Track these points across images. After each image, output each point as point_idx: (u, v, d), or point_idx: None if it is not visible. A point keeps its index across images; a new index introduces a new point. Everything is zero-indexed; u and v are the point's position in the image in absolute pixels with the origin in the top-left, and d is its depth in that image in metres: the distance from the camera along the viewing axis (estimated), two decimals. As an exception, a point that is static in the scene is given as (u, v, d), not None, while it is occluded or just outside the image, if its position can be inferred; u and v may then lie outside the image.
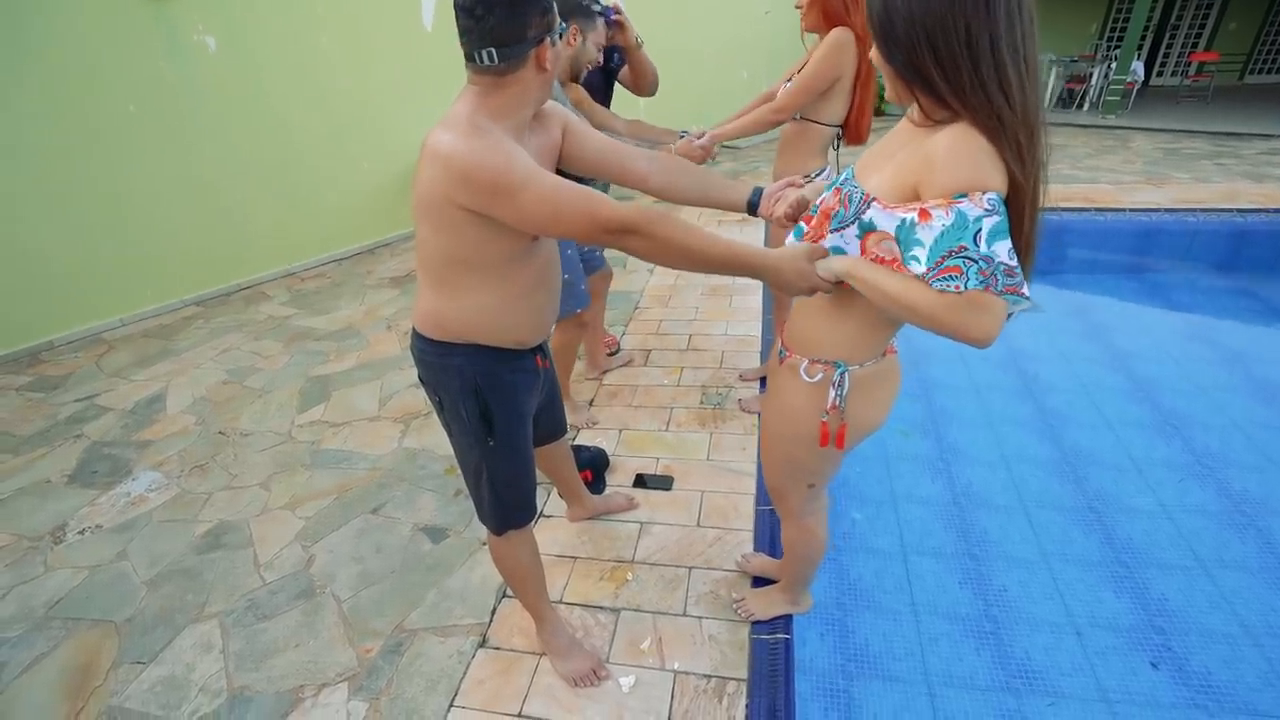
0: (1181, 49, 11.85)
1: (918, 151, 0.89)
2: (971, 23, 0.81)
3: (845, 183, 1.03)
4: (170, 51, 3.60)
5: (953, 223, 0.82)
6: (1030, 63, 0.84)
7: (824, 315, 1.12)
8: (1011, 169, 0.84)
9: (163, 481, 2.39)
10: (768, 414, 1.29)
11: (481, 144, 1.04)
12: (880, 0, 0.87)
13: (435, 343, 1.25)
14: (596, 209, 1.04)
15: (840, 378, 1.10)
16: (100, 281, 3.67)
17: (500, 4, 1.03)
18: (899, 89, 0.93)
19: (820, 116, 2.03)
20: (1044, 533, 2.24)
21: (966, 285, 0.83)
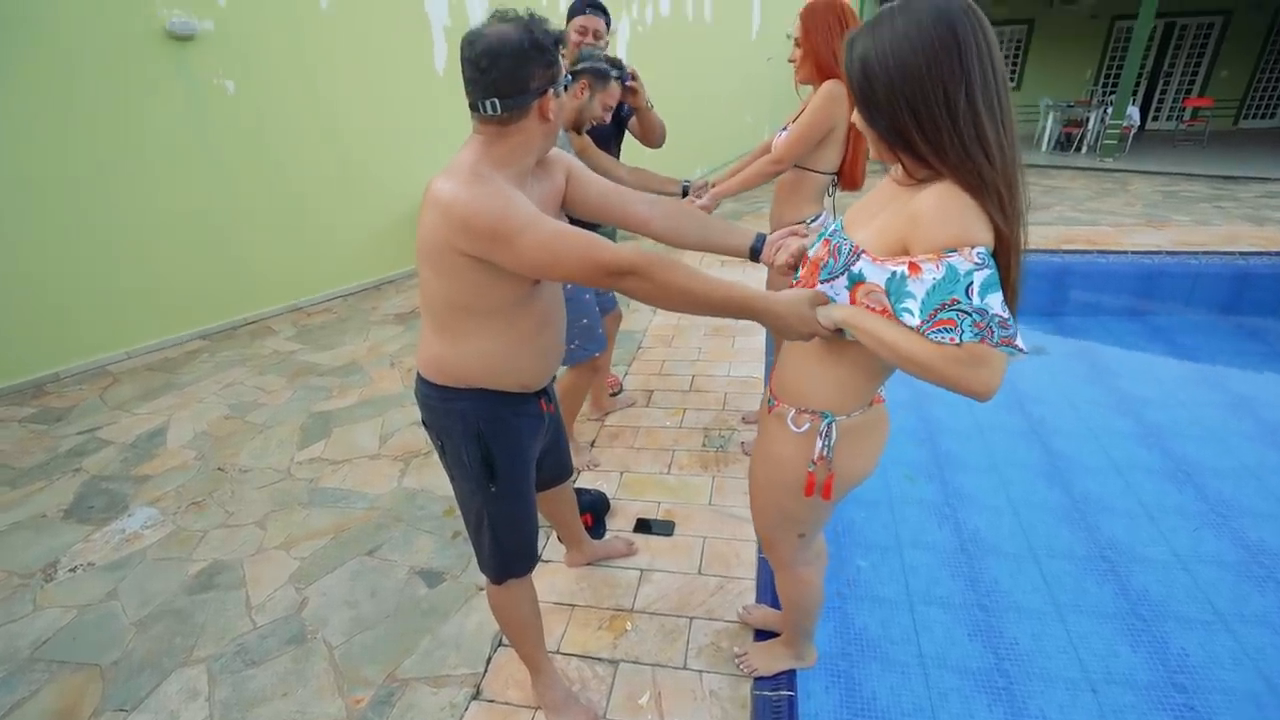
0: (1175, 94, 12.10)
1: (903, 210, 0.90)
2: (949, 85, 0.83)
3: (834, 234, 1.04)
4: (189, 94, 3.70)
5: (944, 276, 0.83)
6: (1006, 117, 0.86)
7: (812, 365, 1.11)
8: (996, 222, 0.85)
9: (158, 518, 2.36)
10: (756, 462, 1.28)
11: (481, 191, 1.05)
12: (859, 68, 0.89)
13: (439, 387, 1.25)
14: (596, 252, 1.05)
15: (827, 428, 1.09)
16: (107, 314, 3.70)
17: (505, 56, 1.05)
18: (881, 150, 0.95)
19: (815, 165, 2.08)
20: (1056, 583, 2.18)
21: (962, 338, 0.83)
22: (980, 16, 0.85)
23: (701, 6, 7.18)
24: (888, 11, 0.88)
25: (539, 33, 1.08)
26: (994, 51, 0.84)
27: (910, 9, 0.85)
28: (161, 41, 3.54)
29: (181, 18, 3.55)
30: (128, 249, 3.68)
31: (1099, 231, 5.14)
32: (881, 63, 0.85)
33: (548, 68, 1.10)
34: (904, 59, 0.84)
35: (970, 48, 0.83)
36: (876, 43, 0.86)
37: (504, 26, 1.07)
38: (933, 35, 0.83)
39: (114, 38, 3.39)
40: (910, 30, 0.84)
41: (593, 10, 2.29)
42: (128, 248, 3.68)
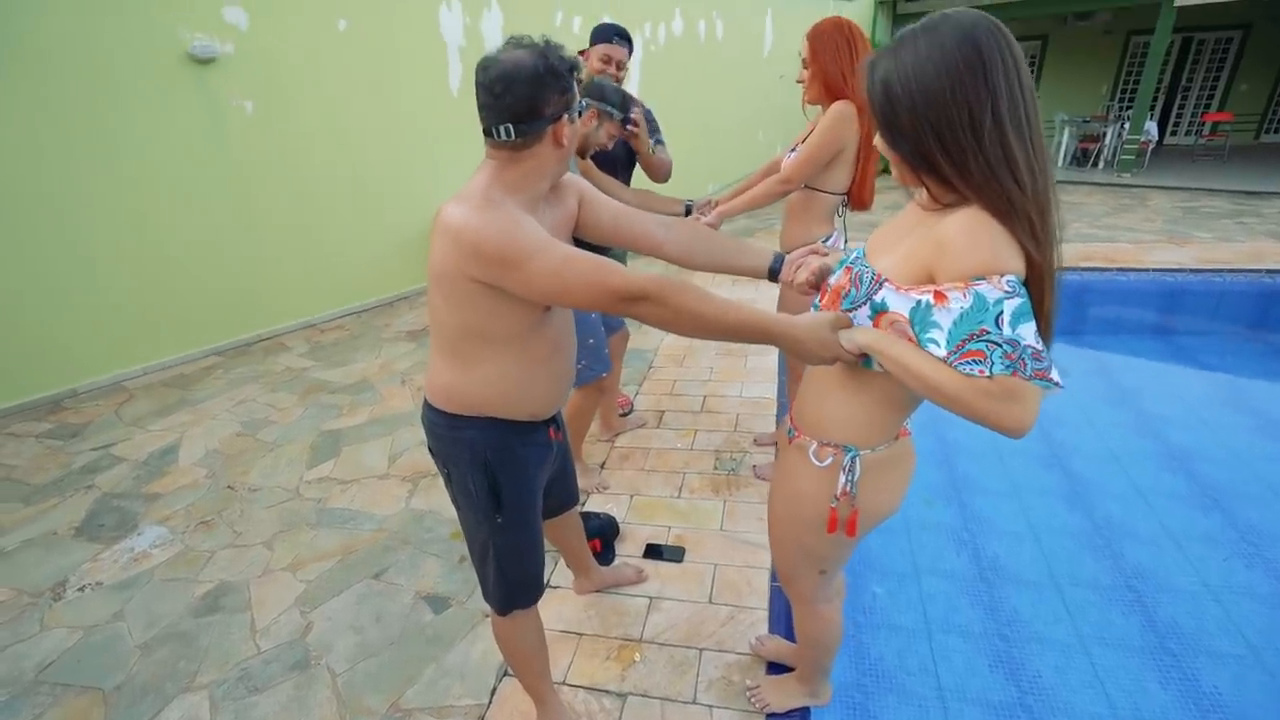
0: (1194, 109, 11.97)
1: (928, 236, 0.87)
2: (974, 107, 0.80)
3: (856, 262, 1.01)
4: (209, 115, 3.77)
5: (971, 305, 0.79)
6: (1036, 140, 0.83)
7: (835, 395, 1.07)
8: (1027, 248, 0.82)
9: (167, 537, 2.36)
10: (775, 495, 1.24)
11: (492, 216, 1.04)
12: (881, 91, 0.87)
13: (447, 415, 1.23)
14: (607, 277, 1.03)
15: (851, 462, 1.05)
16: (125, 330, 3.74)
17: (520, 82, 1.05)
18: (905, 173, 0.92)
19: (825, 185, 2.06)
20: (1079, 613, 2.11)
21: (992, 370, 0.79)
22: (1007, 34, 0.82)
23: (713, 26, 7.23)
24: (910, 33, 0.85)
25: (554, 59, 1.07)
26: (1022, 70, 0.82)
27: (934, 30, 0.83)
28: (183, 64, 3.61)
29: (203, 41, 3.63)
30: (146, 267, 3.73)
31: (1118, 248, 5.06)
32: (904, 85, 0.83)
33: (562, 94, 1.09)
34: (927, 82, 0.82)
35: (996, 66, 0.80)
36: (899, 65, 0.84)
37: (519, 52, 1.06)
38: (957, 56, 0.80)
39: (138, 62, 3.46)
40: (934, 53, 0.81)
41: (619, 40, 2.29)
42: (146, 265, 3.73)
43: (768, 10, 8.02)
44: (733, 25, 7.49)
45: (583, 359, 2.19)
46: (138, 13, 3.41)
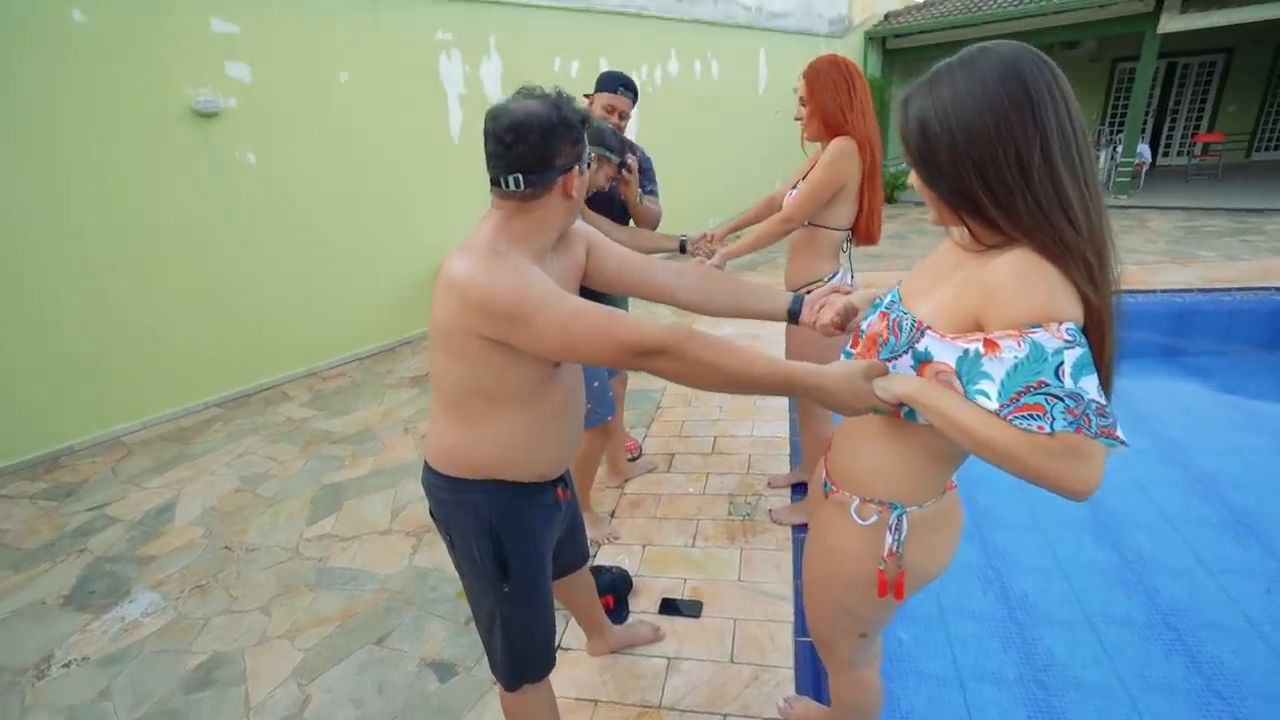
0: (1185, 130, 12.12)
1: (974, 280, 0.81)
2: (1020, 144, 0.75)
3: (892, 307, 0.95)
4: (211, 168, 3.79)
5: (1027, 354, 0.73)
6: (1090, 176, 0.78)
7: (876, 448, 1.00)
8: (1084, 292, 0.76)
9: (160, 604, 2.26)
10: (812, 554, 1.15)
11: (498, 269, 1.00)
12: (917, 128, 0.82)
13: (449, 478, 1.17)
14: (620, 331, 0.97)
15: (897, 521, 0.97)
16: (123, 384, 3.70)
17: (532, 132, 1.01)
18: (943, 213, 0.86)
19: (829, 221, 2.02)
20: (1118, 654, 2.00)
21: (1054, 426, 0.72)
22: (1052, 67, 0.78)
23: (708, 65, 7.37)
24: (946, 68, 0.81)
25: (567, 110, 1.05)
26: (1071, 104, 0.77)
27: (973, 66, 0.78)
28: (187, 119, 3.65)
29: (207, 96, 3.67)
30: (145, 320, 3.71)
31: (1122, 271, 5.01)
32: (943, 123, 0.78)
33: (573, 145, 1.06)
34: (968, 119, 0.77)
35: (1045, 102, 0.75)
36: (936, 101, 0.79)
37: (531, 102, 1.04)
38: (1000, 92, 0.76)
39: (143, 119, 3.50)
40: (974, 89, 0.77)
41: (625, 90, 2.29)
42: (145, 318, 3.70)
43: (761, 50, 8.19)
44: (728, 64, 7.64)
45: (589, 402, 2.13)
46: (143, 71, 3.46)
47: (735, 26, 7.64)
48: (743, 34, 7.81)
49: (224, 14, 3.67)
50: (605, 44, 6.06)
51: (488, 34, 5.03)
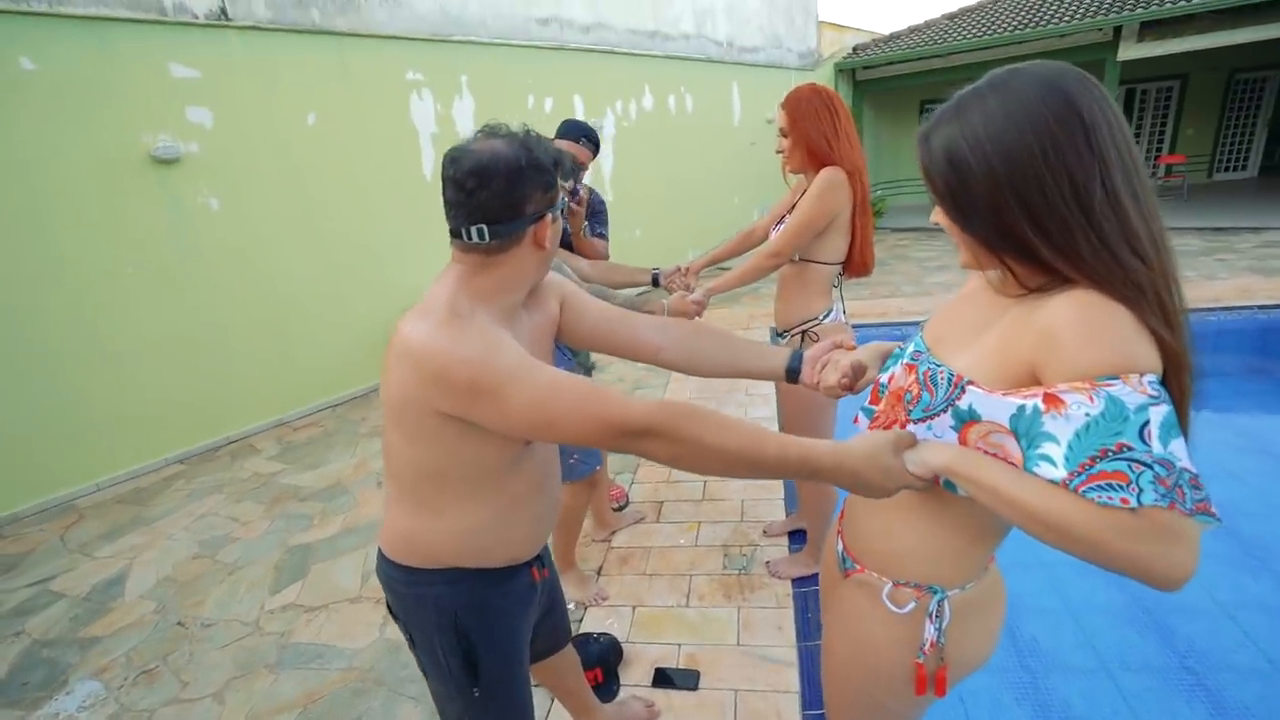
0: (1147, 153, 12.48)
1: (1026, 326, 0.69)
2: (1076, 174, 0.65)
3: (920, 358, 0.82)
4: (172, 215, 3.65)
5: (1103, 411, 0.61)
6: (1152, 205, 0.67)
7: (908, 524, 0.86)
8: (1161, 337, 0.64)
9: (100, 694, 2.04)
10: (834, 641, 1.00)
11: (460, 335, 0.86)
12: (944, 162, 0.71)
13: (406, 569, 1.02)
14: (603, 409, 0.84)
15: (938, 607, 0.84)
16: (75, 444, 3.47)
17: (497, 176, 0.89)
18: (980, 256, 0.74)
19: (819, 256, 1.93)
20: (1138, 701, 1.88)
21: (1141, 499, 0.59)
22: (1100, 87, 0.68)
23: (682, 99, 7.43)
24: (973, 93, 0.71)
25: (538, 151, 0.93)
26: (1125, 127, 0.67)
27: (1006, 86, 0.68)
28: (146, 166, 3.52)
29: (167, 142, 3.55)
30: (101, 374, 3.51)
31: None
32: (976, 150, 0.68)
33: (545, 191, 0.94)
34: (1009, 144, 0.66)
35: (1100, 125, 0.65)
36: (966, 129, 0.69)
37: (496, 142, 0.92)
38: (1046, 114, 0.65)
39: (97, 167, 3.36)
40: (1013, 110, 0.67)
41: (586, 141, 2.22)
42: (101, 373, 3.51)
43: (733, 83, 8.30)
44: (701, 97, 7.71)
45: (576, 452, 1.99)
46: (98, 119, 3.34)
47: (707, 61, 7.74)
48: (714, 68, 7.91)
49: (183, 59, 3.57)
50: (579, 81, 6.07)
51: (459, 74, 4.99)
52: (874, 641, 0.90)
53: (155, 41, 3.49)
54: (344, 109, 4.30)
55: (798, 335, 1.99)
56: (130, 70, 3.42)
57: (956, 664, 0.87)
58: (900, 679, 0.88)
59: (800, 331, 1.98)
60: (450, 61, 4.94)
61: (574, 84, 6.02)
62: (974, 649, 0.89)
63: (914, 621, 0.86)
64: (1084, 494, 0.62)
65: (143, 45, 3.45)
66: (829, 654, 1.00)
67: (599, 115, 6.31)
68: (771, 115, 9.08)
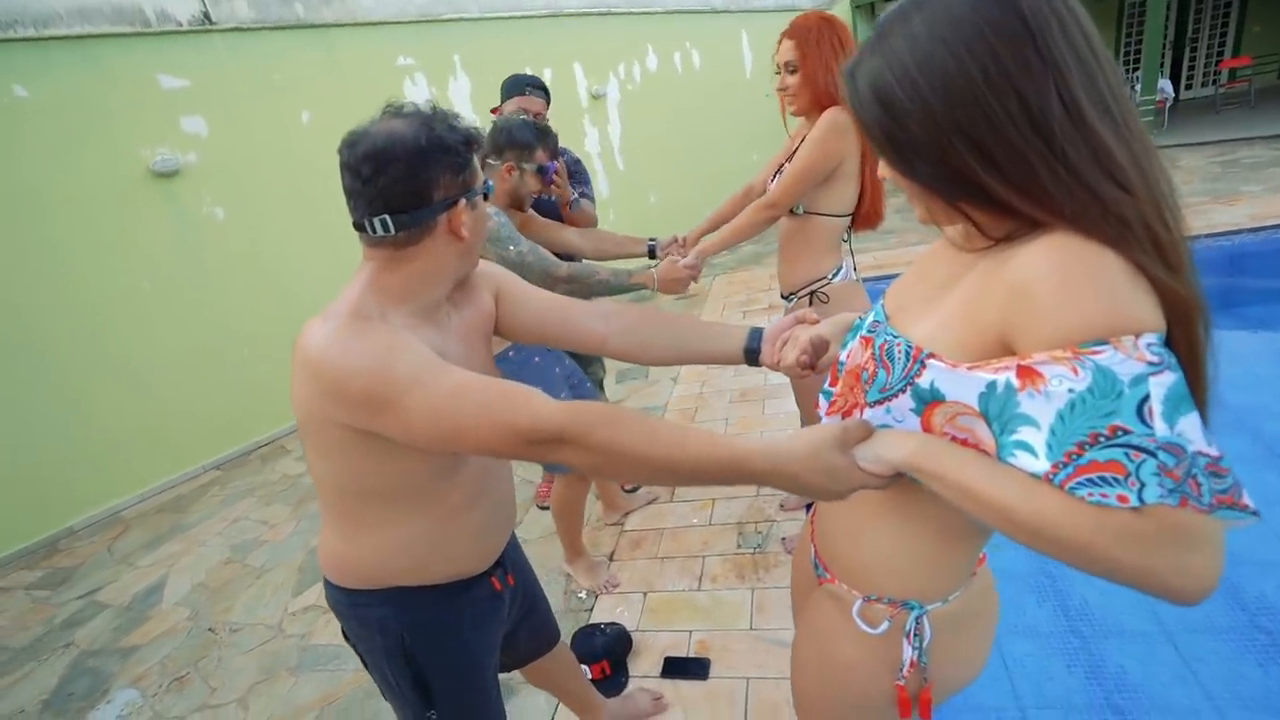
0: (1208, 58, 11.41)
1: (993, 282, 0.57)
2: (1025, 89, 0.52)
3: (877, 329, 0.69)
4: (178, 228, 3.69)
5: (1090, 385, 0.48)
6: (1130, 115, 0.53)
7: (878, 529, 0.74)
8: (1161, 281, 0.50)
9: (137, 703, 2.11)
10: (802, 658, 0.89)
11: (358, 344, 0.78)
12: (871, 96, 0.58)
13: (349, 592, 0.96)
14: (512, 416, 0.74)
15: (916, 624, 0.72)
16: (119, 458, 3.61)
17: (396, 161, 0.81)
18: (934, 207, 0.61)
19: (824, 207, 1.73)
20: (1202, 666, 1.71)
21: (1143, 496, 0.47)
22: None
23: (689, 56, 7.11)
24: (897, 13, 0.58)
25: (441, 129, 0.83)
26: (1084, 21, 0.54)
27: (929, 1, 0.56)
28: (146, 181, 3.55)
29: (166, 154, 3.56)
30: (132, 391, 3.61)
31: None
32: (906, 85, 0.56)
33: (457, 174, 0.85)
34: (941, 71, 0.54)
35: (1049, 25, 0.52)
36: (891, 59, 0.57)
37: (396, 122, 0.83)
38: (980, 23, 0.53)
39: (99, 187, 3.40)
40: (940, 27, 0.54)
41: (532, 90, 2.08)
42: (132, 390, 3.61)
43: (742, 33, 7.90)
44: (709, 52, 7.36)
45: None
46: (95, 139, 3.36)
47: (712, 12, 7.37)
48: (721, 19, 7.53)
49: (170, 70, 3.56)
50: (577, 47, 5.85)
51: (451, 53, 4.86)
52: (847, 662, 0.79)
53: (141, 54, 3.48)
54: (337, 103, 4.24)
55: (805, 297, 1.83)
56: (120, 86, 3.43)
57: (942, 683, 0.76)
58: (878, 704, 0.77)
59: (808, 293, 1.81)
60: (441, 42, 4.81)
61: (572, 51, 5.81)
62: (962, 666, 0.77)
63: (890, 641, 0.74)
64: (1072, 490, 0.49)
65: (130, 59, 3.45)
66: (799, 669, 0.89)
67: (601, 82, 6.08)
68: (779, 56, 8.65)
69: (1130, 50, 11.38)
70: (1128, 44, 11.52)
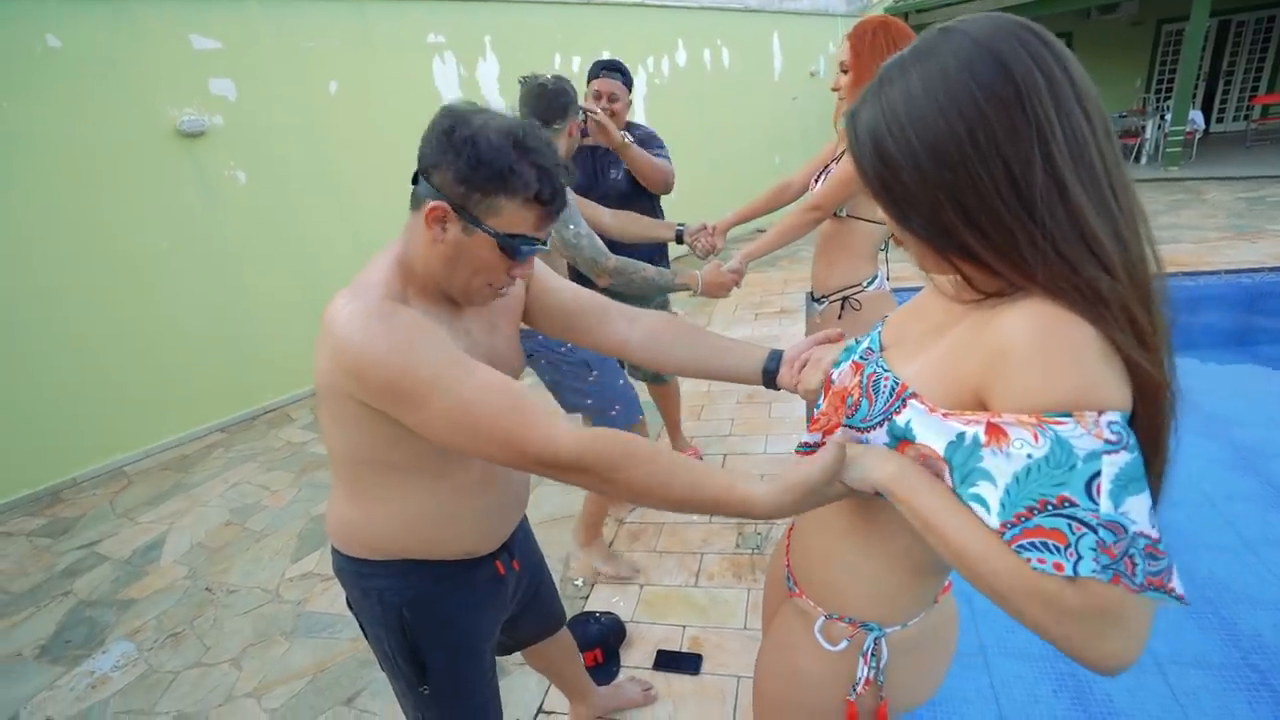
0: (1241, 93, 11.28)
1: (976, 339, 0.57)
2: (1011, 158, 0.51)
3: (869, 358, 0.70)
4: (201, 188, 3.70)
5: (1047, 454, 0.49)
6: (1120, 185, 0.53)
7: (844, 551, 0.75)
8: (1131, 359, 0.51)
9: (133, 655, 2.13)
10: (765, 665, 0.90)
11: (383, 332, 0.77)
12: (870, 144, 0.58)
13: (350, 559, 0.96)
14: (523, 435, 0.75)
15: (875, 645, 0.74)
16: (125, 414, 3.64)
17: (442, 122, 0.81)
18: (925, 258, 0.61)
19: (867, 212, 1.73)
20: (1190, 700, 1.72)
21: (1078, 569, 0.48)
22: (1046, 36, 0.54)
23: (719, 53, 7.08)
24: (896, 63, 0.58)
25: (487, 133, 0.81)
26: (1080, 83, 0.53)
27: (930, 53, 0.55)
28: (172, 141, 3.56)
29: (193, 115, 3.58)
30: (143, 347, 3.64)
31: (1180, 250, 4.57)
32: (900, 140, 0.55)
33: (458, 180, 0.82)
34: (931, 130, 0.54)
35: (1038, 89, 0.51)
36: (887, 110, 0.56)
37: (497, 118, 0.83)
38: (972, 86, 0.52)
39: (125, 143, 3.41)
40: (934, 85, 0.54)
41: (608, 73, 2.07)
42: (143, 346, 3.64)
43: (774, 33, 7.85)
44: (739, 51, 7.33)
45: (616, 403, 1.84)
46: (124, 94, 3.38)
47: (745, 11, 7.32)
48: (753, 18, 7.48)
49: (203, 30, 3.56)
50: (607, 36, 5.83)
51: (482, 34, 4.85)
52: (806, 672, 0.80)
53: (176, 12, 3.49)
54: (366, 76, 4.25)
55: (838, 302, 1.83)
56: (153, 42, 3.43)
57: (897, 701, 0.78)
58: (830, 714, 0.79)
59: (841, 298, 1.81)
60: (473, 21, 4.80)
61: (602, 40, 5.79)
62: (916, 686, 0.79)
63: (847, 658, 0.76)
64: (1018, 550, 0.51)
65: (164, 16, 3.45)
66: (761, 674, 0.90)
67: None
68: (815, 68, 8.58)
69: (1164, 78, 11.27)
70: (1161, 72, 11.40)
